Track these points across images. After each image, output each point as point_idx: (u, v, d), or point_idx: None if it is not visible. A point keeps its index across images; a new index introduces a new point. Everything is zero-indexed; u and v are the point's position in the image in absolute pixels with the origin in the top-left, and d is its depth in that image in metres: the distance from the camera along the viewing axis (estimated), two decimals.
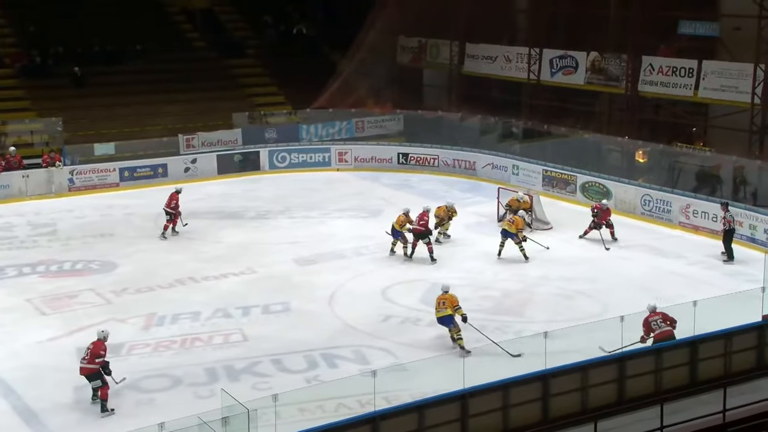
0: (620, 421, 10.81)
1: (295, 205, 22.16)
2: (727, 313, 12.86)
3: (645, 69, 23.40)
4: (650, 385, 11.34)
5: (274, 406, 9.82)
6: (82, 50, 27.95)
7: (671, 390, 11.31)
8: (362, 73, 27.77)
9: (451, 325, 13.39)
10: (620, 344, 11.69)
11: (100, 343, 11.91)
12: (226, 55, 30.18)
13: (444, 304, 13.41)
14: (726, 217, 17.39)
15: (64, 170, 23.26)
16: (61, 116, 24.77)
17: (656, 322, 12.28)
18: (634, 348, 11.55)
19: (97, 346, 11.84)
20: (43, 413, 11.69)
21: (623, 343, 11.83)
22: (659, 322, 12.28)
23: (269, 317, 14.96)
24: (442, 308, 13.41)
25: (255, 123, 26.91)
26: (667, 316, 12.34)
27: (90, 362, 11.72)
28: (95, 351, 11.79)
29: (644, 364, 11.37)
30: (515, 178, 23.51)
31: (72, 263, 17.69)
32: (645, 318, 12.33)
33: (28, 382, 12.49)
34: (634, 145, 22.51)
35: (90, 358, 11.73)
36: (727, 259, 17.32)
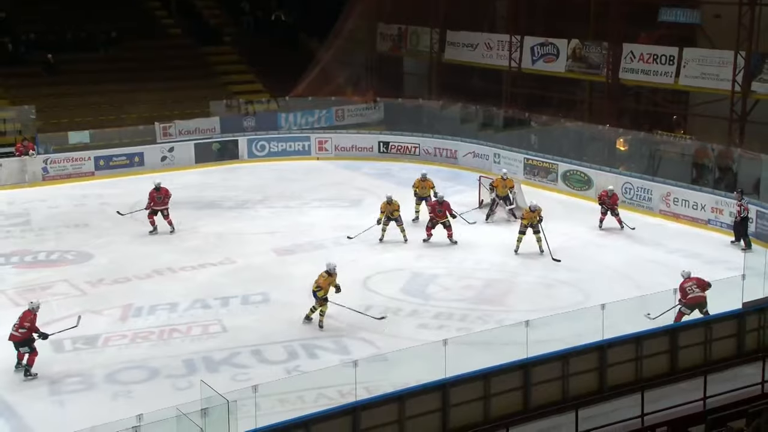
0: (601, 409, 10.91)
1: (274, 194, 22.07)
2: (708, 301, 13.04)
3: (626, 57, 23.51)
4: (631, 374, 11.46)
5: (254, 397, 9.81)
6: (55, 37, 27.55)
7: (652, 378, 11.43)
8: (341, 61, 27.66)
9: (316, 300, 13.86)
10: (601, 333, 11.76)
11: (28, 312, 12.57)
12: (203, 42, 29.91)
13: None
14: (743, 203, 17.24)
15: (38, 159, 23.00)
16: (34, 104, 24.46)
17: (691, 288, 13.09)
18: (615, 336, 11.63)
19: (25, 315, 12.52)
20: (17, 405, 11.61)
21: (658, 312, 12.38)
22: (694, 287, 13.08)
23: (248, 308, 14.91)
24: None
25: (233, 111, 26.73)
26: (701, 281, 13.18)
27: (18, 329, 12.41)
28: (23, 319, 12.47)
29: (624, 352, 11.49)
30: (496, 166, 23.56)
31: (47, 254, 17.54)
32: (681, 284, 13.14)
33: (2, 375, 12.37)
34: (614, 133, 22.64)
35: (19, 325, 12.41)
36: (745, 247, 17.14)
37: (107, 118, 25.04)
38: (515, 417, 10.68)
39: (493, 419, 10.65)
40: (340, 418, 9.97)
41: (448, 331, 13.47)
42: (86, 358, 12.96)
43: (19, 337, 12.37)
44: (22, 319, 12.49)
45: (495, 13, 29.11)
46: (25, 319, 12.49)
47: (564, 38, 25.07)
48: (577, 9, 25.10)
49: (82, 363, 12.81)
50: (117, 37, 28.45)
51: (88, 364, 12.76)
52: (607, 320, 11.67)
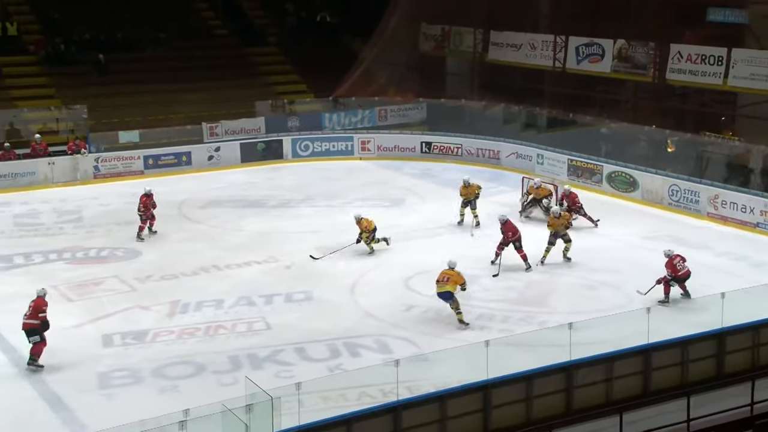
0: (645, 413, 10.78)
1: (317, 193, 22.20)
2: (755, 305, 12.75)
3: (673, 57, 23.10)
4: (676, 378, 11.30)
5: (297, 395, 9.88)
6: (105, 37, 28.11)
7: (698, 382, 11.25)
8: (384, 62, 27.69)
9: (450, 301, 13.73)
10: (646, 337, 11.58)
11: (41, 300, 12.59)
12: (248, 43, 30.23)
13: (447, 280, 13.70)
14: None
15: (89, 158, 23.47)
16: (85, 104, 24.97)
17: (679, 263, 14.18)
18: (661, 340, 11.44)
19: (39, 303, 12.53)
20: (67, 398, 11.85)
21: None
22: (681, 262, 14.21)
23: (292, 306, 15.03)
24: (444, 284, 13.69)
25: (277, 111, 26.96)
26: (682, 257, 14.35)
27: (32, 317, 12.42)
28: (37, 307, 12.49)
29: (670, 356, 11.33)
30: (540, 167, 23.36)
31: (97, 250, 17.88)
32: (669, 261, 14.17)
33: (54, 368, 12.64)
34: (661, 134, 22.27)
35: (32, 314, 12.43)
36: None
37: (156, 118, 25.47)
38: (557, 420, 10.61)
39: (535, 421, 10.59)
40: (381, 417, 10.01)
41: (489, 332, 13.38)
42: (134, 353, 13.18)
43: (35, 324, 12.40)
44: (37, 308, 12.48)
45: (538, 13, 28.85)
46: (40, 308, 12.51)
47: (610, 38, 24.73)
48: (623, 9, 24.74)
49: (130, 357, 13.04)
50: (165, 37, 28.91)
51: (137, 358, 12.98)
52: (652, 323, 11.49)
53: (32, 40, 27.65)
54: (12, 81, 26.06)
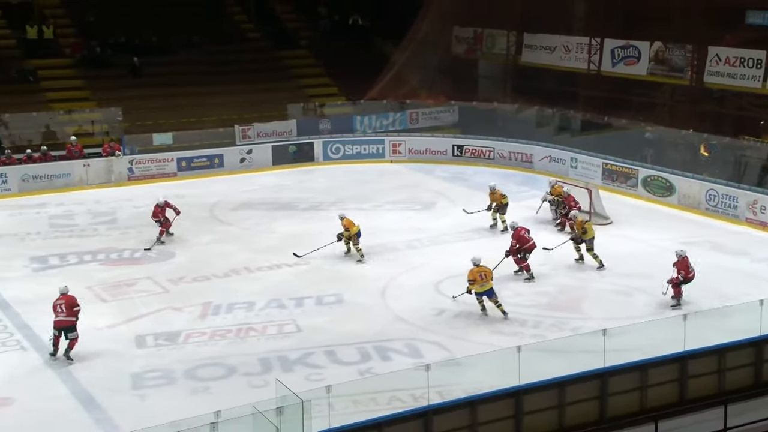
0: (681, 422, 10.65)
1: (347, 196, 22.26)
2: None
3: (711, 60, 22.77)
4: (713, 386, 11.13)
5: (328, 398, 9.92)
6: (140, 41, 28.52)
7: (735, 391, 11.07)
8: (416, 64, 27.68)
9: (493, 296, 14.15)
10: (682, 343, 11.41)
11: (71, 296, 12.95)
12: (280, 46, 30.44)
13: (484, 277, 13.94)
14: None
15: (124, 160, 23.80)
16: (120, 106, 25.33)
17: (691, 265, 14.40)
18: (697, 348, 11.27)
19: (71, 299, 12.88)
20: (100, 398, 12.01)
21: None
22: (691, 265, 14.41)
23: (322, 309, 15.09)
24: (484, 281, 14.06)
25: (309, 114, 27.10)
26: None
27: (69, 315, 12.75)
28: (71, 303, 12.83)
29: (707, 363, 11.17)
30: (573, 171, 23.18)
31: (131, 252, 18.12)
32: (682, 261, 14.39)
33: (87, 368, 12.85)
34: (698, 138, 21.97)
35: (68, 311, 12.76)
36: None
37: (189, 121, 25.76)
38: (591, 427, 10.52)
39: (568, 429, 10.51)
40: (412, 422, 10.01)
41: (521, 338, 13.32)
42: (167, 354, 13.34)
43: (72, 322, 12.82)
44: (71, 305, 12.82)
45: (573, 15, 28.63)
46: (74, 304, 12.87)
47: (646, 40, 24.45)
48: (660, 11, 24.44)
49: (163, 358, 13.19)
50: (198, 41, 29.24)
51: (169, 359, 13.13)
52: (688, 330, 11.33)
53: (68, 43, 28.12)
54: (48, 84, 26.54)
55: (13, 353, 13.41)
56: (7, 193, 22.37)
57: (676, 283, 14.53)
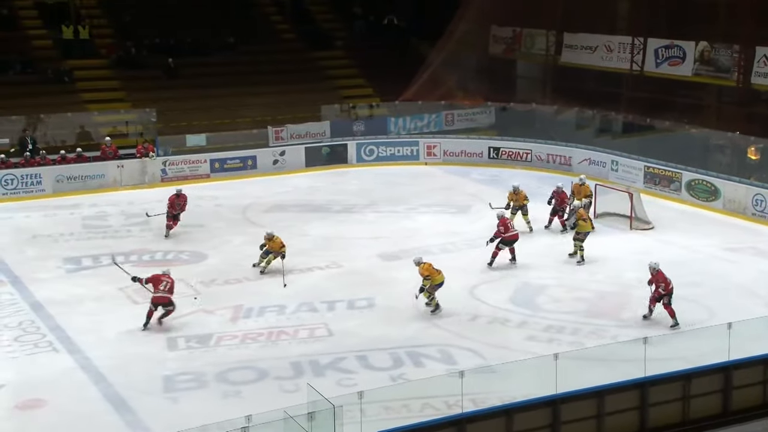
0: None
1: (381, 199, 22.27)
2: None
3: (758, 60, 22.33)
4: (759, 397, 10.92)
5: (360, 404, 9.90)
6: (175, 42, 28.86)
7: None
8: (452, 65, 27.59)
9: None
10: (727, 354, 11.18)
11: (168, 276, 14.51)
12: (315, 46, 30.58)
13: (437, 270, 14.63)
14: None
15: (157, 161, 24.07)
16: (154, 107, 25.63)
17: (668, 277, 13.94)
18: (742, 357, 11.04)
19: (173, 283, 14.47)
20: (131, 400, 12.14)
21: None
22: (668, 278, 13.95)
23: (354, 312, 15.10)
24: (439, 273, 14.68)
25: (343, 116, 27.17)
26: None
27: (170, 293, 14.32)
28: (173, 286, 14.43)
29: (752, 374, 10.95)
30: (614, 174, 22.89)
31: (163, 253, 18.30)
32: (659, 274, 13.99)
33: (118, 370, 13.00)
34: (745, 141, 21.54)
35: (171, 289, 14.34)
36: None
37: (222, 122, 25.98)
38: None
39: None
40: (445, 430, 9.96)
41: (559, 345, 13.17)
42: (199, 357, 13.44)
43: (169, 298, 14.33)
44: (173, 287, 14.40)
45: (615, 14, 28.29)
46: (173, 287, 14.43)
47: (691, 40, 24.06)
48: (705, 9, 24.04)
49: (194, 361, 13.30)
50: (234, 42, 29.50)
51: (201, 362, 13.23)
52: (733, 340, 11.10)
53: (104, 44, 28.55)
54: (83, 84, 26.98)
55: (46, 355, 13.62)
56: (42, 194, 22.77)
57: (657, 298, 13.86)
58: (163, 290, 14.30)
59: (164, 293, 14.29)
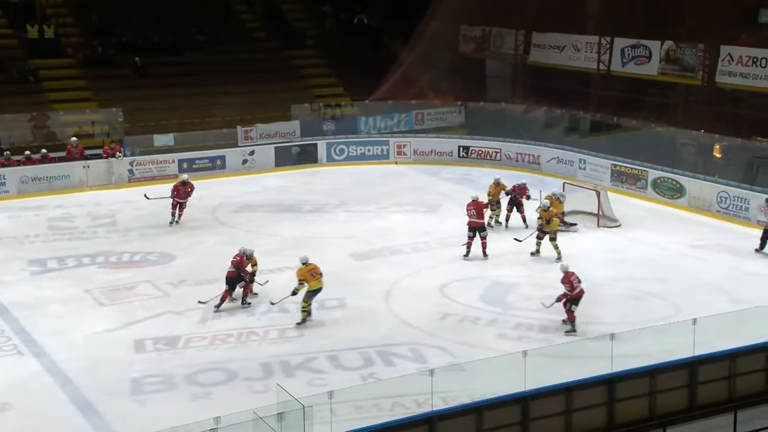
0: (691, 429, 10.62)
1: (352, 198, 22.27)
2: None
3: (723, 59, 22.70)
4: (723, 392, 11.08)
5: (330, 403, 9.90)
6: (143, 40, 28.60)
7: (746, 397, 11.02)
8: (423, 64, 27.68)
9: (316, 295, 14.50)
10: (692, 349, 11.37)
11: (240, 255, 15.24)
12: (286, 45, 30.50)
13: (316, 275, 14.35)
14: None
15: (124, 161, 23.84)
16: (122, 107, 25.39)
17: (576, 280, 13.88)
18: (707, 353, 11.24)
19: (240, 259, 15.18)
20: (99, 403, 12.01)
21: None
22: (576, 281, 13.88)
23: (325, 312, 15.06)
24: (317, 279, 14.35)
25: (314, 115, 27.13)
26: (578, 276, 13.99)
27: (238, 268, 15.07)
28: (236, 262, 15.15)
29: (717, 369, 11.12)
30: (582, 172, 23.13)
31: (131, 255, 18.15)
32: (567, 276, 13.87)
33: (85, 373, 12.85)
34: (710, 139, 21.89)
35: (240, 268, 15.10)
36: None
37: (192, 121, 25.81)
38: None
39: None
40: (416, 428, 9.99)
41: (528, 342, 13.28)
42: (167, 359, 13.33)
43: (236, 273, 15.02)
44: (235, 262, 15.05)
45: (583, 14, 28.59)
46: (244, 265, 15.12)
47: (657, 39, 24.39)
48: (672, 9, 24.38)
49: (163, 363, 13.19)
50: (203, 41, 29.30)
51: (169, 364, 13.12)
52: (699, 336, 11.28)
53: (70, 42, 28.22)
54: (49, 84, 26.65)
55: (11, 358, 13.43)
56: (6, 195, 22.45)
57: (562, 300, 13.86)
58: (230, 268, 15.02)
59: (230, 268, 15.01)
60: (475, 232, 17.36)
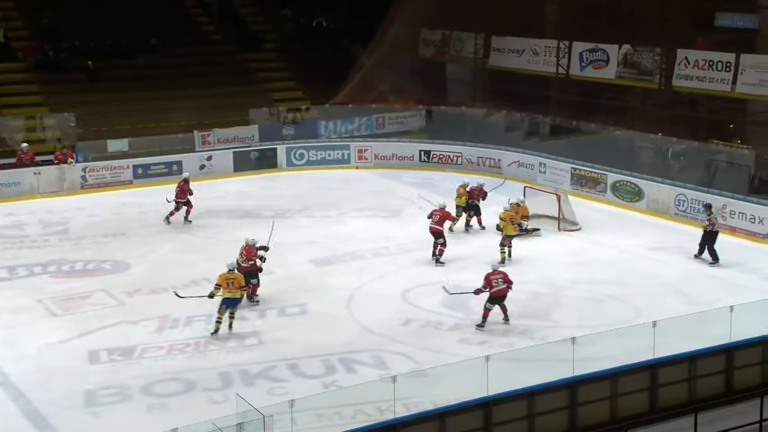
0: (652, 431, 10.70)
1: (313, 203, 22.18)
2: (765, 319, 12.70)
3: (680, 63, 23.13)
4: (684, 394, 11.25)
5: (291, 413, 9.83)
6: (96, 44, 28.17)
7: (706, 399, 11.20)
8: (384, 68, 27.74)
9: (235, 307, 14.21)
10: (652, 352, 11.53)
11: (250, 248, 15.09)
12: (244, 48, 30.30)
13: (232, 284, 14.06)
14: (710, 219, 17.25)
15: (77, 167, 23.45)
16: (74, 111, 25.00)
17: (497, 281, 14.13)
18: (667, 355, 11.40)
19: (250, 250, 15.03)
20: (52, 416, 11.78)
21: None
22: (500, 280, 14.14)
23: (285, 320, 14.98)
24: (233, 289, 14.05)
25: (273, 119, 26.99)
26: (507, 277, 14.24)
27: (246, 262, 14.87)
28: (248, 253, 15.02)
29: (677, 371, 11.28)
30: (542, 176, 23.37)
31: (84, 263, 17.85)
32: (488, 275, 14.16)
33: (38, 385, 12.59)
34: (667, 142, 22.27)
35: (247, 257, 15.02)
36: (713, 261, 17.13)
37: (146, 126, 25.49)
38: None
39: None
40: None
41: (490, 347, 13.35)
42: (122, 370, 13.13)
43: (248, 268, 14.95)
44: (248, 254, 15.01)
45: (543, 18, 28.92)
46: (250, 254, 15.02)
47: (615, 43, 24.77)
48: (629, 13, 24.79)
49: (118, 374, 12.98)
50: (158, 44, 28.97)
51: (124, 375, 12.92)
52: (659, 338, 11.44)
53: (21, 46, 27.69)
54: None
55: None
56: None
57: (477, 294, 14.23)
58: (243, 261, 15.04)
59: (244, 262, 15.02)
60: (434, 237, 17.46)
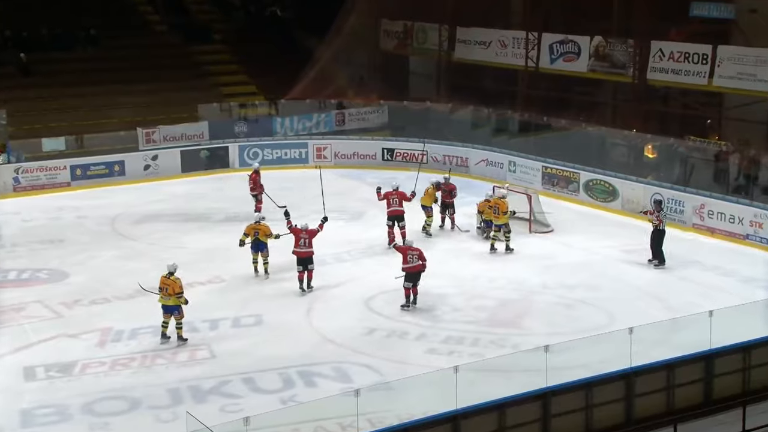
0: None
1: (268, 206, 22.04)
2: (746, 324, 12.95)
3: (654, 55, 23.48)
4: (661, 404, 11.42)
5: (246, 431, 9.76)
6: (29, 34, 27.73)
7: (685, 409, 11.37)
8: (342, 61, 27.74)
9: (176, 312, 14.12)
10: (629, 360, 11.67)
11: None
12: (191, 40, 30.07)
13: (166, 291, 14.02)
14: (659, 216, 17.56)
15: (9, 168, 23.08)
16: (5, 108, 24.60)
17: (412, 256, 15.21)
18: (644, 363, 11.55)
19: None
20: None
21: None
22: (415, 257, 15.23)
23: (240, 331, 14.89)
24: (167, 295, 14.04)
25: (224, 115, 26.82)
26: (422, 254, 15.34)
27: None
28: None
29: (654, 380, 11.44)
30: (512, 175, 23.55)
31: (18, 272, 17.60)
32: (403, 248, 15.47)
33: None
34: (642, 139, 22.60)
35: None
36: (658, 263, 17.42)
37: (85, 124, 25.19)
38: None
39: None
40: None
41: (459, 357, 13.41)
42: (61, 387, 12.94)
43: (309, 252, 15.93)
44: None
45: (510, 8, 29.17)
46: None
47: (586, 35, 25.06)
48: (600, 3, 25.11)
49: (56, 392, 12.79)
50: (97, 35, 28.62)
51: (63, 393, 12.74)
52: (635, 345, 11.59)
53: None
54: None
55: None
56: None
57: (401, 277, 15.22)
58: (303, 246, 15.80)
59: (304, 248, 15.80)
60: (394, 221, 18.20)
